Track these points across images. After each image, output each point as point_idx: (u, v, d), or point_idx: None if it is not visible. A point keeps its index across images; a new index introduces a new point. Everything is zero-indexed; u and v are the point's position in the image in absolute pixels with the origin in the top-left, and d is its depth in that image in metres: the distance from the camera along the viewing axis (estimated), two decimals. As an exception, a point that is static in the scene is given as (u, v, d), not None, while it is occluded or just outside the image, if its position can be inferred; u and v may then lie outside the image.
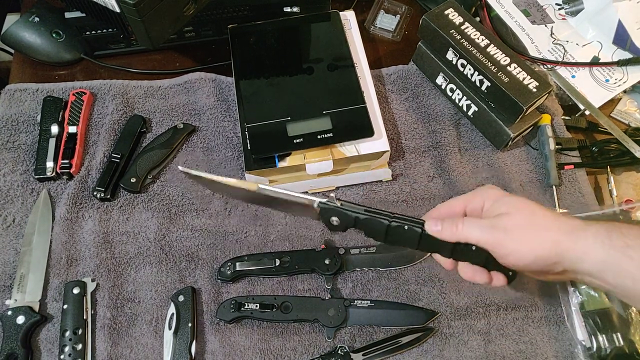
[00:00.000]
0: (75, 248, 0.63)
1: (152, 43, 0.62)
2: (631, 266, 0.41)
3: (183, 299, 0.59)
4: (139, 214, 0.65)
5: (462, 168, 0.69)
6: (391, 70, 0.76)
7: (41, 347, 0.57)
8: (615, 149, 0.69)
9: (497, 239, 0.45)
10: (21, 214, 0.64)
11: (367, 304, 0.59)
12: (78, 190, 0.65)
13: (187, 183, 0.67)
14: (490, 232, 0.45)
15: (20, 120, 0.70)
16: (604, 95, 0.73)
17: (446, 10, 0.69)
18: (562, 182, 0.68)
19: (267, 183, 0.64)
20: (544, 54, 0.76)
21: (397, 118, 0.72)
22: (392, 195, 0.67)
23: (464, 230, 0.46)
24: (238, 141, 0.69)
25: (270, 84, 0.65)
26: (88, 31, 0.71)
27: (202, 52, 0.78)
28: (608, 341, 0.56)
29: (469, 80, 0.68)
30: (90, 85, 0.73)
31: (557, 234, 0.44)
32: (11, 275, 0.61)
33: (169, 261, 0.62)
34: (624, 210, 0.63)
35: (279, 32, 0.70)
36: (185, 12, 0.63)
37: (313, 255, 0.62)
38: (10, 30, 0.73)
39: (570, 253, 0.43)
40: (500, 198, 0.48)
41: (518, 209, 0.46)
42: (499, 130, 0.68)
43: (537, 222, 0.45)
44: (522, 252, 0.45)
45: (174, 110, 0.72)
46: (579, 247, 0.43)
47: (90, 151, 0.69)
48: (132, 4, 0.55)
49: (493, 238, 0.45)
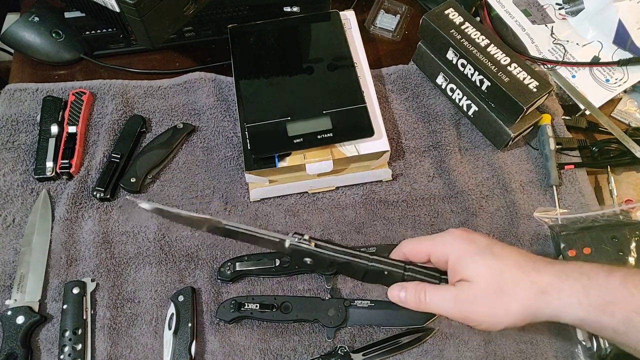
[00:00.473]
0: (74, 248, 0.62)
1: (152, 43, 0.61)
2: (612, 322, 0.40)
3: (183, 299, 0.59)
4: (138, 214, 0.65)
5: (462, 168, 0.69)
6: (391, 70, 0.76)
7: (41, 347, 0.57)
8: (616, 148, 0.69)
9: (463, 313, 0.43)
10: (21, 214, 0.64)
11: (367, 304, 0.59)
12: (78, 190, 0.65)
13: (187, 183, 0.67)
14: (455, 305, 0.43)
15: (19, 120, 0.70)
16: (604, 95, 0.73)
17: (446, 10, 0.69)
18: (562, 182, 0.68)
19: (267, 183, 0.64)
20: (544, 53, 0.76)
21: (397, 118, 0.72)
22: (392, 195, 0.67)
23: (428, 303, 0.44)
24: (238, 141, 0.69)
25: (270, 84, 0.65)
26: (88, 31, 0.71)
27: (202, 52, 0.77)
28: (608, 341, 0.56)
29: (469, 80, 0.68)
30: (90, 85, 0.73)
31: (527, 299, 0.42)
32: (11, 275, 0.60)
33: (168, 261, 0.62)
34: (624, 210, 0.63)
35: (279, 32, 0.70)
36: (185, 12, 0.63)
37: (313, 255, 0.62)
38: (10, 30, 0.73)
39: (543, 313, 0.42)
40: (463, 256, 0.44)
41: (482, 275, 0.43)
42: (499, 130, 0.67)
43: (504, 288, 0.42)
44: (492, 322, 0.43)
45: (173, 110, 0.72)
46: (552, 308, 0.41)
47: (90, 151, 0.69)
48: (131, 4, 0.55)
49: (459, 312, 0.43)
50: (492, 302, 0.42)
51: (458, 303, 0.43)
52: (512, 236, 0.64)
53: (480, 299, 0.42)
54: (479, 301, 0.42)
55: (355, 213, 0.66)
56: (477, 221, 0.65)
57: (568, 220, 0.63)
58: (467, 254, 0.44)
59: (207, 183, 0.67)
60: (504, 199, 0.67)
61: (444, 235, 0.47)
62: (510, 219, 0.65)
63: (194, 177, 0.68)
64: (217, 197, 0.66)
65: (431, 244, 0.47)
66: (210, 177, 0.67)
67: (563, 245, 0.60)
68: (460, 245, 0.45)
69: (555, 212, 0.64)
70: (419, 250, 0.47)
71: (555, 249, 0.63)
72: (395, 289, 0.46)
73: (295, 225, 0.65)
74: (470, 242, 0.45)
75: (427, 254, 0.47)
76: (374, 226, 0.65)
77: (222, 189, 0.67)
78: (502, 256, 0.43)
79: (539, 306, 0.42)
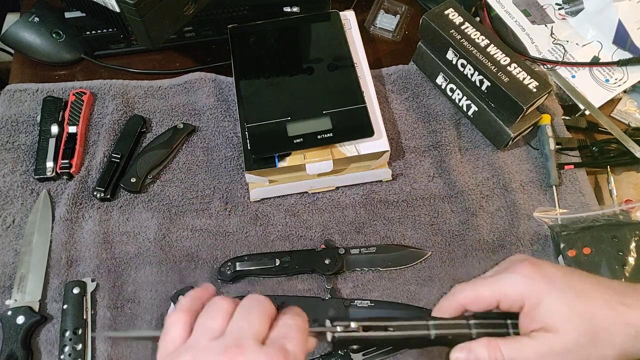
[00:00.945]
0: (75, 248, 0.63)
1: (152, 43, 0.62)
2: None
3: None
4: (139, 214, 0.65)
5: (462, 168, 0.69)
6: (391, 70, 0.76)
7: (41, 348, 0.57)
8: (616, 148, 0.69)
9: None
10: (21, 214, 0.64)
11: (367, 304, 0.59)
12: (78, 191, 0.65)
13: (187, 183, 0.67)
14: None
15: (20, 120, 0.70)
16: (604, 95, 0.73)
17: (446, 10, 0.69)
18: (562, 182, 0.68)
19: (267, 183, 0.64)
20: (544, 53, 0.76)
21: (397, 118, 0.72)
22: (392, 195, 0.67)
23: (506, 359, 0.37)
24: (238, 141, 0.69)
25: (270, 84, 0.65)
26: (88, 31, 0.71)
27: (202, 52, 0.77)
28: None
29: (469, 80, 0.68)
30: (90, 85, 0.73)
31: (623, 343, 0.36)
32: (11, 276, 0.60)
33: (169, 261, 0.62)
34: (624, 210, 0.63)
35: (279, 32, 0.70)
36: (185, 12, 0.63)
37: (313, 255, 0.62)
38: (10, 30, 0.73)
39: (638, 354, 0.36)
40: (543, 301, 0.37)
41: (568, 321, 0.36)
42: (499, 130, 0.67)
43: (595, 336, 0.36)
44: None
45: (174, 110, 0.72)
46: None
47: (90, 151, 0.69)
48: (131, 4, 0.55)
49: None
50: (586, 354, 0.36)
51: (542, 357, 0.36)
52: (512, 236, 0.64)
53: (572, 352, 0.36)
54: (571, 354, 0.36)
55: (355, 213, 0.66)
56: (477, 221, 0.65)
57: (568, 220, 0.63)
58: (547, 298, 0.37)
59: (207, 183, 0.67)
60: (504, 198, 0.67)
61: (511, 277, 0.39)
62: (511, 219, 0.65)
63: (194, 177, 0.68)
64: (217, 197, 0.66)
65: (499, 290, 0.39)
66: (210, 177, 0.68)
67: (563, 245, 0.61)
68: (534, 286, 0.38)
69: (555, 212, 0.64)
70: (483, 298, 0.40)
71: (555, 249, 0.63)
72: (461, 352, 0.38)
73: (296, 225, 0.65)
74: (545, 279, 0.38)
75: (493, 302, 0.39)
76: (374, 226, 0.65)
77: (222, 189, 0.67)
78: (587, 295, 0.37)
79: (635, 346, 0.36)
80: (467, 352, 0.38)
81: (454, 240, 0.64)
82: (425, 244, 0.64)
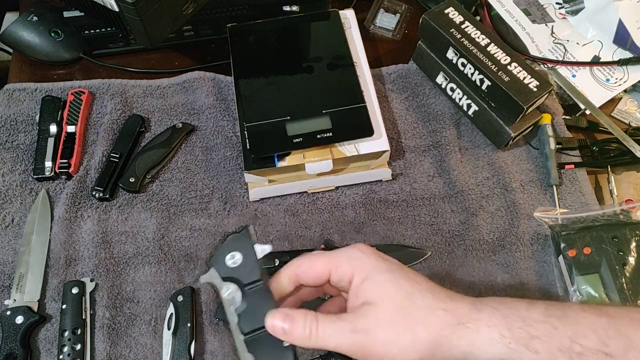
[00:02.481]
0: (74, 248, 0.62)
1: (151, 42, 0.61)
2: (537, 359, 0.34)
3: (182, 299, 0.59)
4: (137, 213, 0.65)
5: (462, 167, 0.68)
6: (391, 70, 0.75)
7: (40, 347, 0.57)
8: (616, 148, 0.69)
9: (360, 344, 0.35)
10: (20, 214, 0.64)
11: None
12: (77, 190, 0.65)
13: (186, 183, 0.67)
14: (352, 335, 0.35)
15: (18, 120, 0.70)
16: (604, 95, 0.73)
17: (446, 9, 0.69)
18: (562, 182, 0.68)
19: (267, 183, 0.64)
20: (545, 53, 0.75)
21: (397, 117, 0.72)
22: (392, 194, 0.67)
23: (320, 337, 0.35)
24: (237, 141, 0.69)
25: (269, 83, 0.65)
26: (87, 30, 0.71)
27: (201, 51, 0.77)
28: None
29: (469, 79, 0.67)
30: (89, 84, 0.73)
31: (440, 328, 0.35)
32: (10, 275, 0.60)
33: (168, 261, 0.62)
34: (624, 209, 0.63)
35: (279, 31, 0.70)
36: (184, 11, 0.63)
37: (312, 255, 0.61)
38: (8, 29, 0.73)
39: (456, 348, 0.35)
40: (372, 273, 0.37)
41: (390, 296, 0.36)
42: (500, 130, 0.67)
43: (411, 313, 0.35)
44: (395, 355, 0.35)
45: (173, 109, 0.71)
46: (468, 343, 0.35)
47: (89, 151, 0.68)
48: (130, 3, 0.55)
49: (354, 344, 0.35)
50: (397, 328, 0.35)
51: (355, 332, 0.35)
52: (512, 236, 0.64)
53: (383, 324, 0.35)
54: (381, 326, 0.35)
55: (355, 213, 0.66)
56: (477, 221, 0.65)
57: (568, 220, 0.63)
58: (376, 271, 0.37)
59: (206, 183, 0.67)
60: (504, 198, 0.67)
61: (349, 250, 0.39)
62: (511, 219, 0.65)
63: (193, 176, 0.67)
64: (216, 197, 0.66)
65: (333, 261, 0.38)
66: (209, 177, 0.67)
67: (563, 245, 0.60)
68: (369, 262, 0.38)
69: (556, 212, 0.64)
70: (316, 268, 0.39)
71: (555, 249, 0.63)
72: (277, 317, 0.36)
73: (295, 225, 0.65)
74: (381, 259, 0.38)
75: (325, 273, 0.39)
76: (374, 226, 0.65)
77: (222, 188, 0.67)
78: (415, 281, 0.37)
79: (451, 339, 0.35)
80: (282, 317, 0.36)
81: (454, 240, 0.64)
82: (425, 244, 0.64)
